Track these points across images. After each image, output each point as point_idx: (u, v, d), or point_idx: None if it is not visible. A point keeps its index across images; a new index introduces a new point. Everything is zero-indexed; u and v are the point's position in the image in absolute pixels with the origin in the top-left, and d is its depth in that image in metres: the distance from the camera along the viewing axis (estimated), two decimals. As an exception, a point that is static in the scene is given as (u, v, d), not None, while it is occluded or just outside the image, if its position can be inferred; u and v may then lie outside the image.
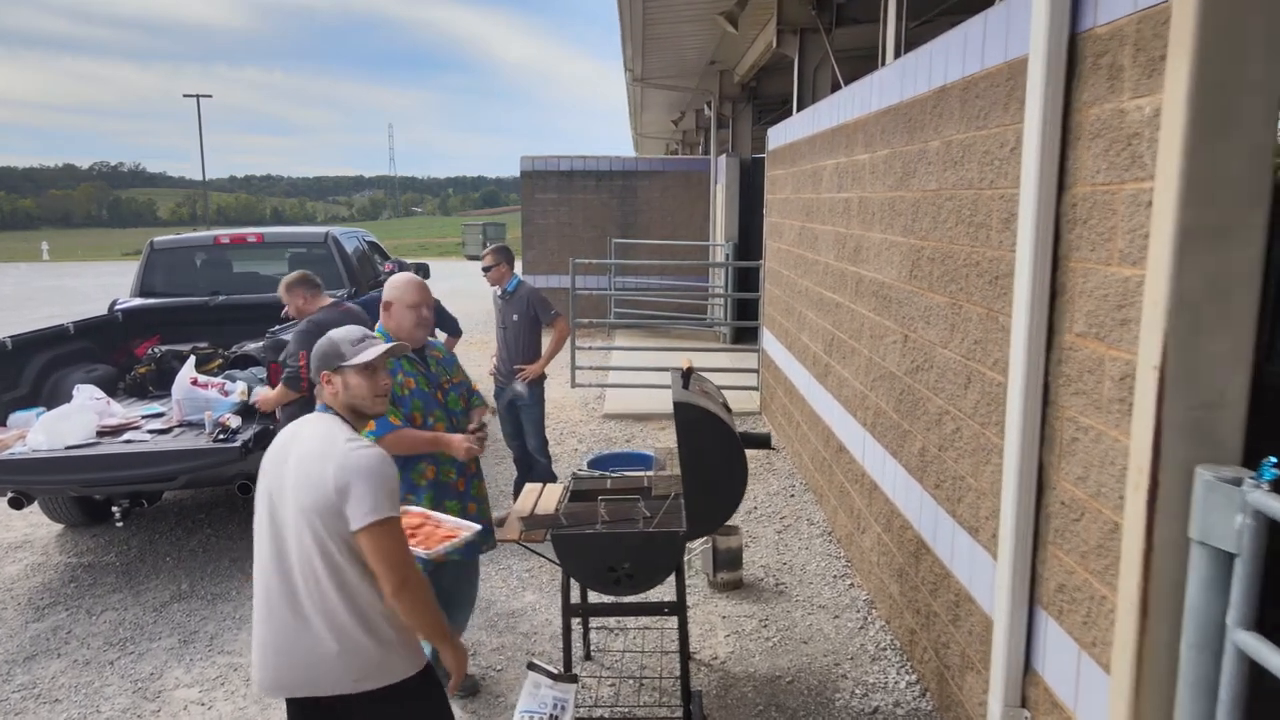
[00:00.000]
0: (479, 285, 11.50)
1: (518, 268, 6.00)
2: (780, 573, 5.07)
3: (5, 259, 45.99)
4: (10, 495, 4.87)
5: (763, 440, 3.68)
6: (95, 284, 26.48)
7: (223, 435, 4.93)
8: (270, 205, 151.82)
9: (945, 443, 3.55)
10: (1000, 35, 3.03)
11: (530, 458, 5.90)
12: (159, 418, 5.46)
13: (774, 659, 4.11)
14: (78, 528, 5.98)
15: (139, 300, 7.03)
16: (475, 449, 3.37)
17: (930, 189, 3.74)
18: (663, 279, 14.43)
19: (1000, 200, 3.01)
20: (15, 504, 4.92)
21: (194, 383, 5.32)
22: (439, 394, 3.49)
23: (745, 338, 12.04)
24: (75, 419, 4.97)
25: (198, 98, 45.03)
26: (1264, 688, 1.88)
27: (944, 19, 8.78)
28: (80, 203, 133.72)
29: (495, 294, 5.87)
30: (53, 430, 4.83)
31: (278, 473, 2.34)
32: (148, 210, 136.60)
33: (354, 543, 2.24)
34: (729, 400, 3.86)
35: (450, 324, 7.10)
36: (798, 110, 7.88)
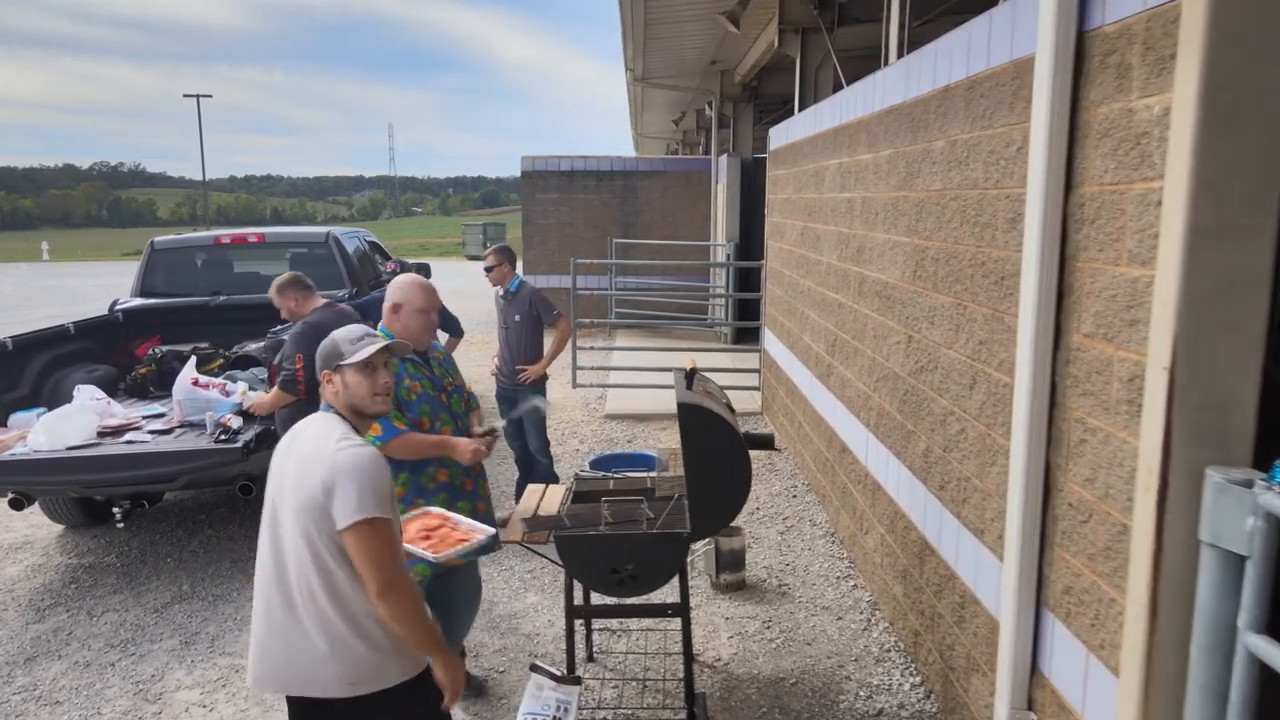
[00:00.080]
0: (479, 285, 11.48)
1: (518, 268, 5.98)
2: (783, 574, 5.05)
3: (5, 259, 45.98)
4: (11, 496, 4.85)
5: (766, 441, 3.68)
6: (95, 284, 26.47)
7: (224, 436, 4.91)
8: (270, 205, 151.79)
9: (950, 444, 3.54)
10: (1006, 34, 3.01)
11: (532, 458, 5.89)
12: (160, 418, 5.44)
13: (777, 661, 4.10)
14: (78, 529, 5.97)
15: (139, 300, 7.01)
16: (483, 452, 3.36)
17: (934, 189, 3.73)
18: (663, 279, 14.42)
19: (1006, 200, 3.00)
20: (16, 505, 4.91)
21: (195, 383, 5.31)
22: (443, 397, 3.48)
23: (746, 338, 12.03)
24: (76, 420, 4.95)
25: (198, 98, 45.05)
26: (1275, 691, 1.86)
27: (946, 19, 8.77)
28: (80, 203, 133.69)
29: (497, 294, 5.86)
30: (53, 431, 4.81)
31: (280, 472, 2.35)
32: (148, 210, 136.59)
33: (342, 543, 2.21)
34: (731, 401, 3.84)
35: (452, 324, 7.09)
36: (799, 110, 7.86)
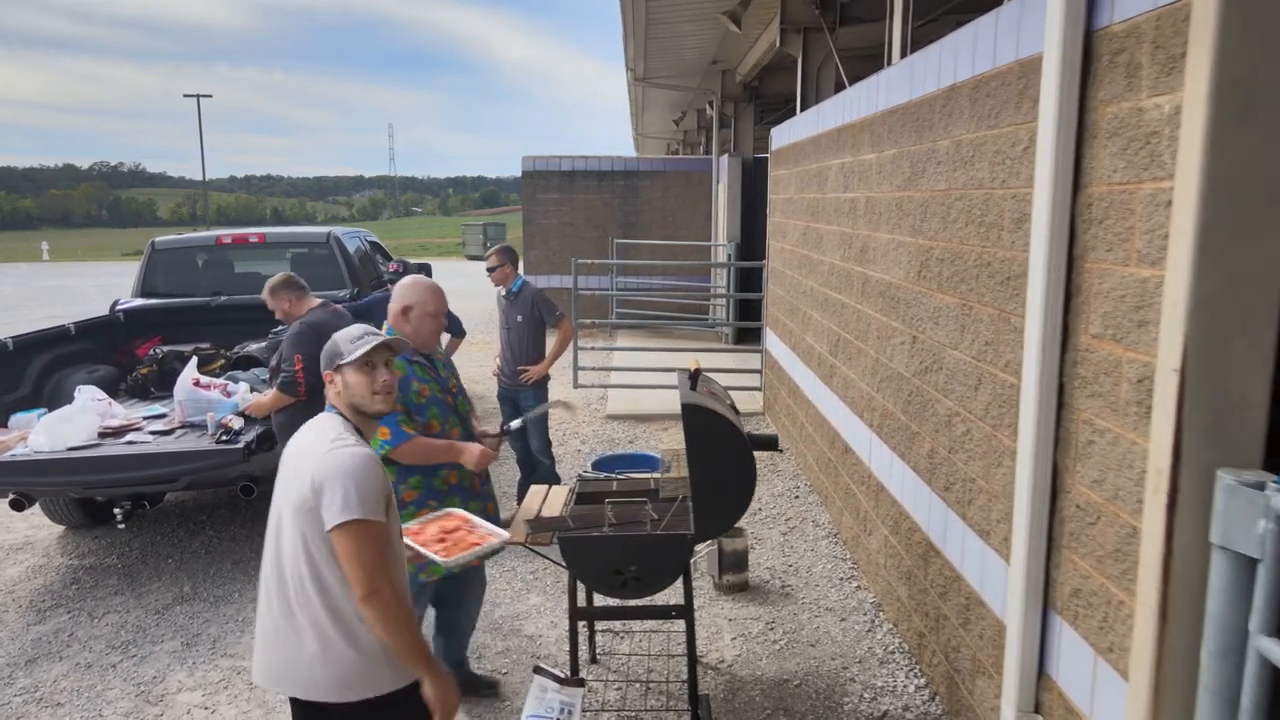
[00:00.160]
0: (479, 285, 11.47)
1: (520, 268, 5.97)
2: (786, 575, 5.04)
3: (5, 259, 45.96)
4: (11, 497, 4.84)
5: (770, 442, 3.65)
6: (95, 284, 26.46)
7: (225, 436, 4.89)
8: (270, 205, 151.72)
9: (955, 445, 3.52)
10: (1012, 34, 3.00)
11: (534, 459, 5.87)
12: (161, 419, 5.43)
13: (781, 662, 4.08)
14: (79, 529, 5.95)
15: (140, 300, 7.00)
16: (492, 456, 3.35)
17: (939, 189, 3.71)
18: (664, 279, 14.41)
19: (1012, 200, 2.98)
20: (16, 506, 4.89)
21: (196, 384, 5.29)
22: (450, 399, 3.46)
23: (747, 338, 12.01)
24: (77, 420, 4.94)
25: (198, 98, 45.06)
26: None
27: (948, 18, 8.76)
28: (80, 203, 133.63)
29: (499, 294, 5.85)
30: (54, 432, 4.80)
31: (284, 472, 2.33)
32: (148, 210, 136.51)
33: (332, 544, 2.19)
34: (735, 402, 3.83)
35: (454, 325, 7.08)
36: (801, 110, 7.85)
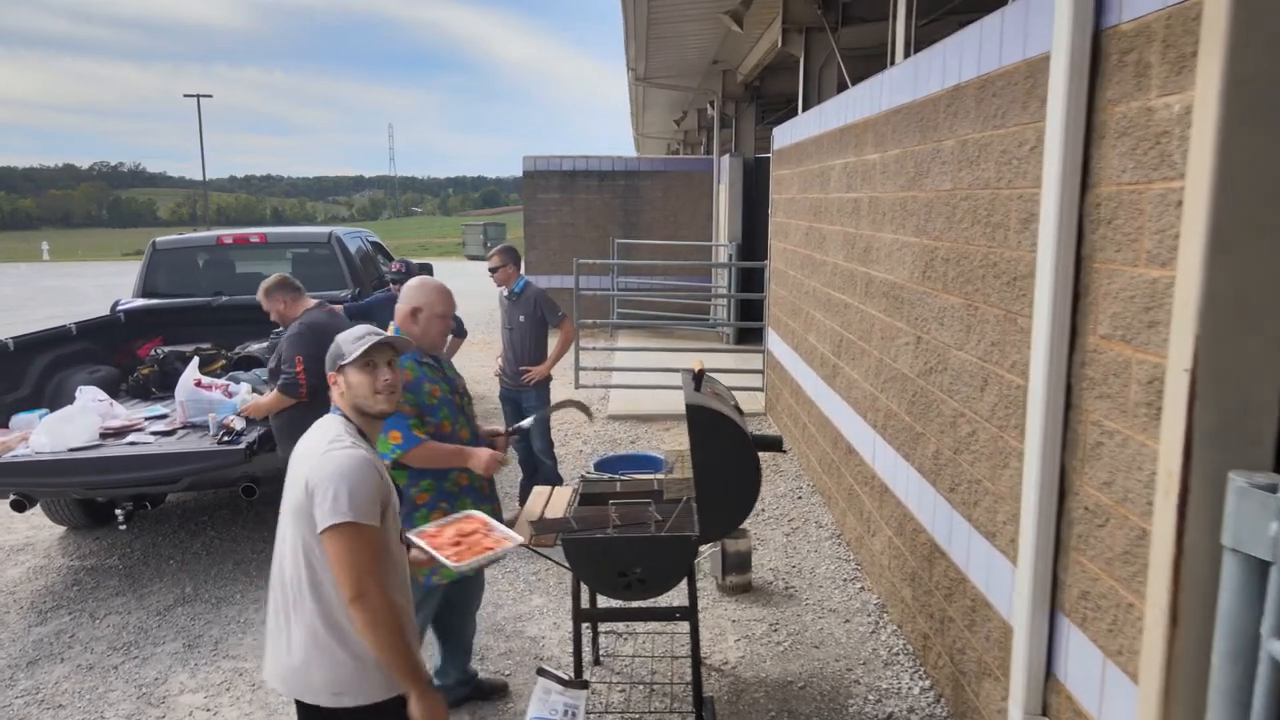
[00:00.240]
0: (480, 285, 11.46)
1: (521, 268, 5.95)
2: (789, 576, 5.03)
3: (5, 259, 45.94)
4: (13, 498, 4.82)
5: (774, 443, 3.64)
6: (95, 284, 26.44)
7: (227, 437, 4.88)
8: (270, 205, 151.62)
9: (960, 446, 3.51)
10: (1019, 33, 2.99)
11: (536, 459, 5.86)
12: (162, 419, 5.42)
13: (785, 664, 4.07)
14: (80, 530, 5.94)
15: (141, 301, 6.99)
16: (504, 460, 3.34)
17: (944, 189, 3.70)
18: (665, 279, 14.39)
19: (1019, 200, 2.97)
20: (18, 506, 4.88)
21: (198, 384, 5.28)
22: (458, 399, 3.45)
23: (748, 338, 12.00)
24: (78, 421, 4.92)
25: (198, 98, 45.04)
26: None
27: (949, 19, 8.75)
28: (80, 203, 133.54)
29: (501, 294, 5.83)
30: (55, 432, 4.78)
31: (288, 475, 2.33)
32: (148, 210, 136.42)
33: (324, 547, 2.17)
34: (739, 402, 3.81)
35: (456, 325, 7.06)
36: (803, 110, 7.84)
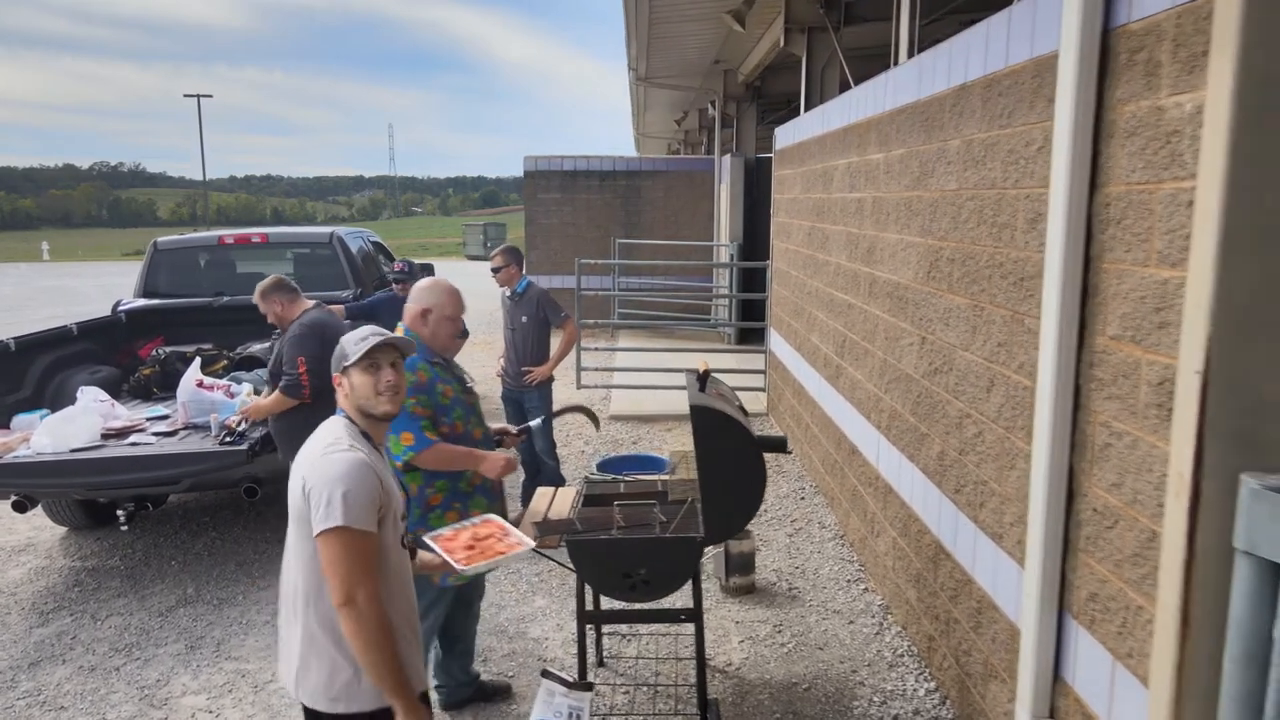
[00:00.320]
0: (481, 285, 11.43)
1: (523, 269, 5.93)
2: (793, 577, 5.01)
3: (5, 259, 45.93)
4: (14, 498, 4.81)
5: (779, 444, 3.62)
6: (95, 284, 26.44)
7: (229, 438, 4.86)
8: (270, 205, 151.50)
9: (966, 447, 3.49)
10: (1026, 32, 2.97)
11: (538, 460, 5.84)
12: (164, 420, 5.41)
13: (789, 665, 4.05)
14: (82, 531, 5.92)
15: (142, 301, 6.97)
16: (515, 463, 3.33)
17: (950, 189, 3.68)
18: (667, 279, 14.37)
19: (1026, 200, 2.95)
20: (19, 507, 4.86)
21: (199, 384, 5.27)
22: (469, 398, 3.45)
23: (750, 339, 11.98)
24: (80, 421, 4.91)
25: (198, 98, 45.00)
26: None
27: (951, 18, 8.74)
28: (80, 203, 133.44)
29: (504, 295, 5.82)
30: (57, 433, 4.77)
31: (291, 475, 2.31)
32: (148, 210, 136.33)
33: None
34: (743, 403, 3.80)
35: (457, 325, 7.04)
36: (805, 109, 7.82)
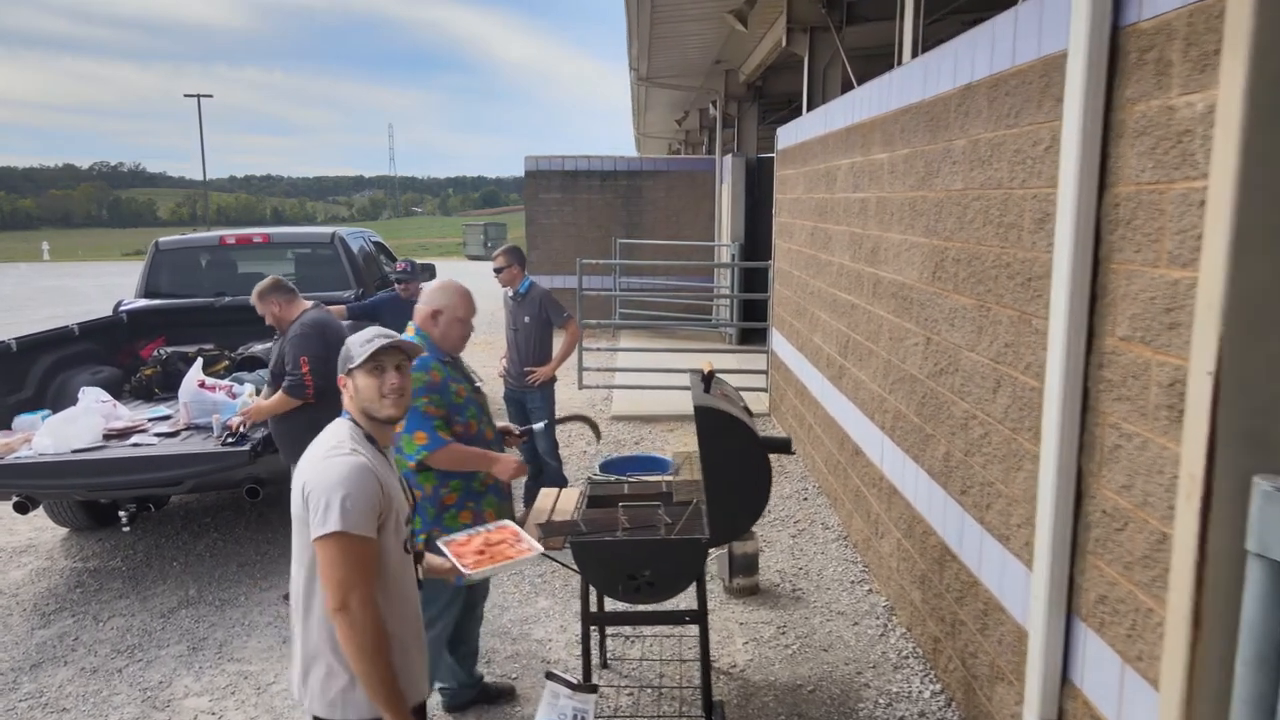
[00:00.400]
0: (482, 285, 11.39)
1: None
2: (796, 578, 5.00)
3: (5, 259, 45.93)
4: (16, 499, 4.79)
5: (783, 445, 3.61)
6: (95, 284, 26.43)
7: (231, 438, 4.85)
8: (270, 205, 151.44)
9: (972, 447, 3.48)
10: (1033, 31, 2.96)
11: (541, 461, 5.83)
12: (166, 420, 5.39)
13: (794, 667, 4.04)
14: (83, 532, 5.91)
15: (144, 301, 6.96)
16: (525, 466, 3.33)
17: (955, 189, 3.67)
18: (668, 279, 14.36)
19: (1033, 200, 2.94)
20: (20, 508, 4.85)
21: (201, 385, 5.25)
22: (478, 398, 3.44)
23: (751, 339, 11.97)
24: (81, 422, 4.90)
25: (198, 98, 44.97)
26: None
27: (953, 18, 8.73)
28: (80, 203, 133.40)
29: (506, 295, 5.81)
30: (59, 434, 4.76)
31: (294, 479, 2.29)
32: (148, 210, 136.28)
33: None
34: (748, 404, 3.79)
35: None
36: (808, 109, 7.81)
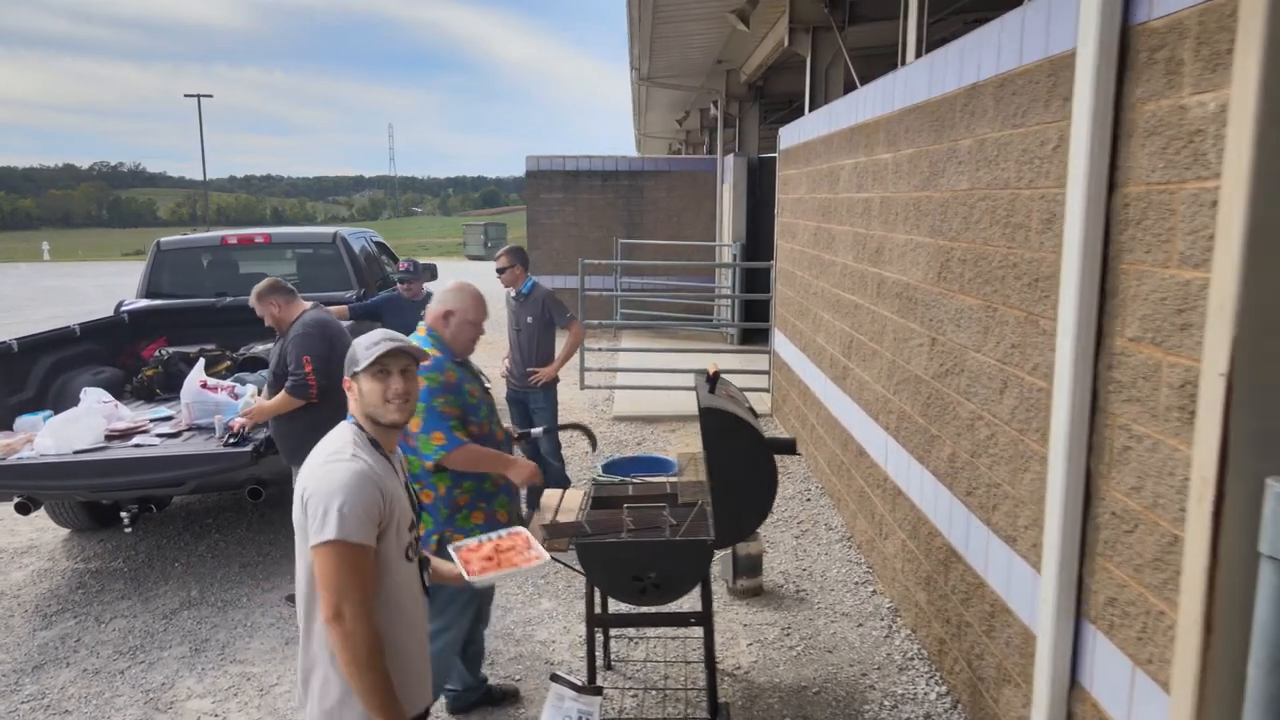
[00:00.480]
0: (483, 285, 11.38)
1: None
2: (800, 579, 4.98)
3: (5, 259, 45.92)
4: (17, 500, 4.77)
5: (788, 446, 3.60)
6: (95, 284, 26.43)
7: (234, 439, 4.83)
8: (270, 205, 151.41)
9: (978, 449, 3.47)
10: (1040, 31, 2.94)
11: (543, 461, 5.81)
12: (167, 421, 5.38)
13: (799, 669, 4.02)
14: (85, 533, 5.90)
15: (145, 301, 6.95)
16: (539, 474, 3.32)
17: (961, 189, 3.66)
18: (669, 280, 14.35)
19: (1041, 200, 2.92)
20: (22, 509, 4.83)
21: (203, 385, 5.24)
22: (487, 398, 3.43)
23: (753, 339, 11.95)
24: (83, 423, 4.88)
25: (198, 98, 44.93)
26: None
27: (956, 17, 8.71)
28: (80, 203, 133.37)
29: (509, 295, 5.79)
30: (60, 434, 4.74)
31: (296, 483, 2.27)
32: (148, 210, 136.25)
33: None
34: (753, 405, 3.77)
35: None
36: (810, 109, 7.80)
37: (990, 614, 3.33)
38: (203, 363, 5.49)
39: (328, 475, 2.08)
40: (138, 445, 4.92)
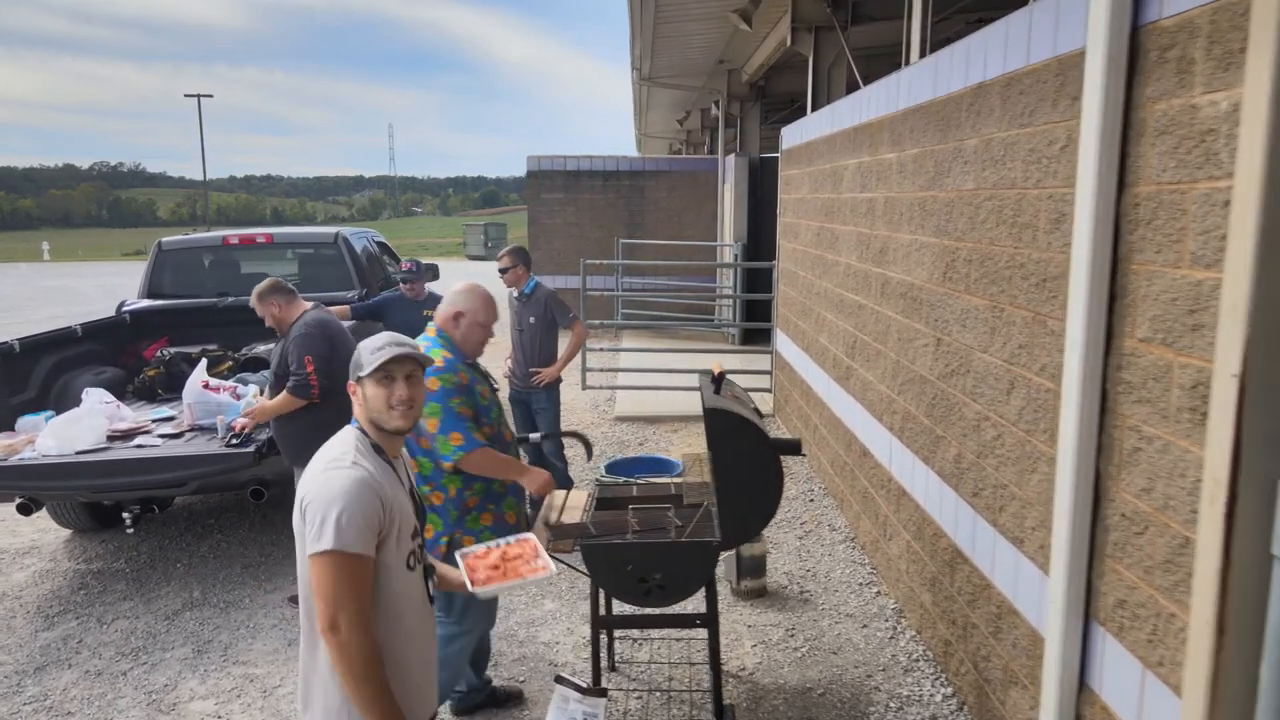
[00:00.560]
0: (484, 285, 11.37)
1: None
2: (804, 580, 4.97)
3: (5, 259, 45.90)
4: (19, 501, 4.76)
5: (793, 446, 3.58)
6: (96, 284, 26.42)
7: (236, 439, 4.82)
8: (270, 205, 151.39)
9: (984, 450, 3.45)
10: (1048, 30, 2.93)
11: (546, 462, 5.80)
12: (169, 421, 5.36)
13: (803, 670, 4.01)
14: (87, 533, 5.88)
15: (147, 301, 6.93)
16: (554, 483, 3.32)
17: (967, 189, 3.64)
18: (670, 280, 14.33)
19: (1048, 200, 2.91)
20: (24, 510, 4.81)
21: (205, 386, 5.22)
22: (496, 399, 3.42)
23: (754, 339, 11.94)
24: (85, 423, 4.87)
25: (198, 98, 44.90)
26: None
27: (958, 17, 8.70)
28: (80, 203, 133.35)
29: (511, 295, 5.78)
30: (62, 435, 4.73)
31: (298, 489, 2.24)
32: (148, 210, 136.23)
33: None
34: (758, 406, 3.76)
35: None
36: (813, 109, 7.78)
37: (997, 615, 3.32)
38: (205, 363, 5.48)
39: (327, 483, 2.05)
40: (140, 446, 4.91)
